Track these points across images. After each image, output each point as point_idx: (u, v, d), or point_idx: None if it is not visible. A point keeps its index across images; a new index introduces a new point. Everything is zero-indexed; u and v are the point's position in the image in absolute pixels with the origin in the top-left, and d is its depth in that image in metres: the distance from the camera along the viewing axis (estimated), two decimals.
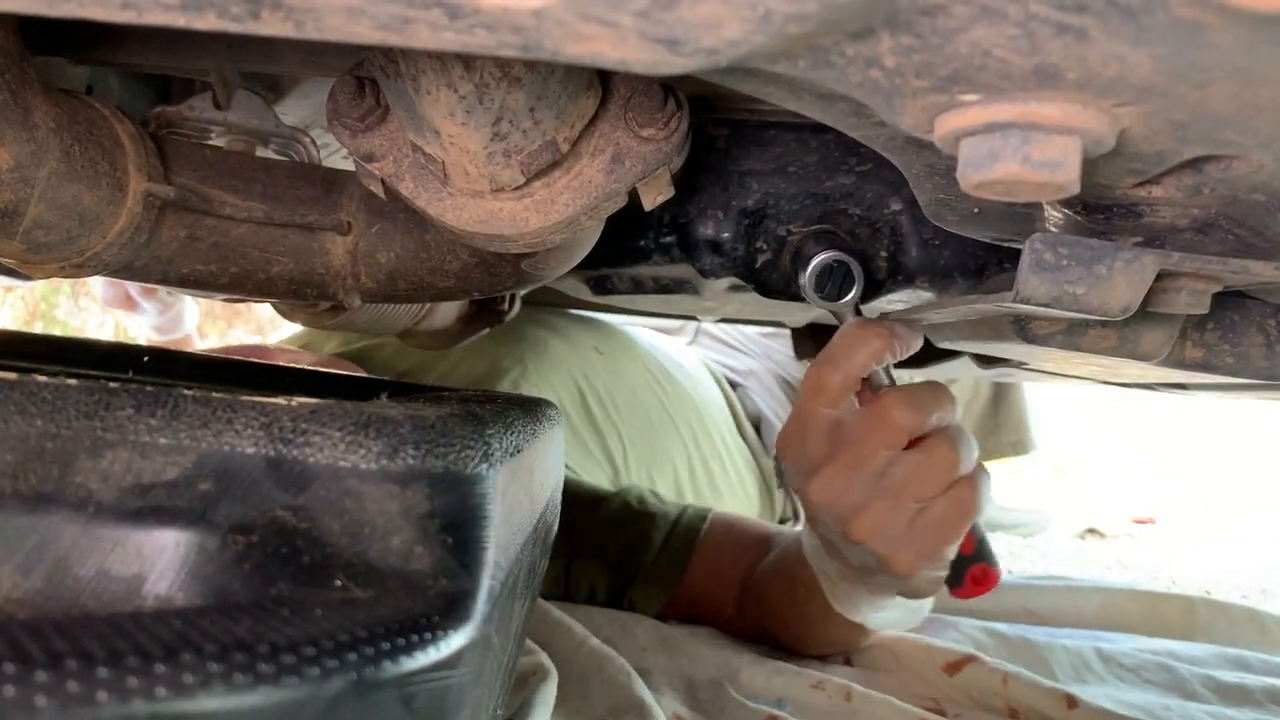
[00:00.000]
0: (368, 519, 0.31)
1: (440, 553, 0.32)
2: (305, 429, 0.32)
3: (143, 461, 0.30)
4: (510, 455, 0.37)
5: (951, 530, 0.66)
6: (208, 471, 0.30)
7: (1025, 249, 0.39)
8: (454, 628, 0.30)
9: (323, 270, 0.57)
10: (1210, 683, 0.95)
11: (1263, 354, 0.53)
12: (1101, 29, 0.24)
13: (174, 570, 0.29)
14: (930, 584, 0.72)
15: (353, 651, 0.27)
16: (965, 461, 0.66)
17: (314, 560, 0.30)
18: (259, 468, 0.31)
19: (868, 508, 0.65)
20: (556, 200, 0.47)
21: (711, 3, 0.23)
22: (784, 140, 0.67)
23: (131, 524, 0.29)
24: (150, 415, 0.30)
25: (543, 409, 0.48)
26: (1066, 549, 2.05)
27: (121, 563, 0.28)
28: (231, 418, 0.31)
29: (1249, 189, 0.36)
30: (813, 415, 0.68)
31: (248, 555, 0.30)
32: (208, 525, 0.30)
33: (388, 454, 0.32)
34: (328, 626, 0.27)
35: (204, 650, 0.24)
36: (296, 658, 0.25)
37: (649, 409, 1.42)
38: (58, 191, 0.46)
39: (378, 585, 0.30)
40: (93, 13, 0.25)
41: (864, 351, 0.66)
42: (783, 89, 0.33)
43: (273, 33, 0.25)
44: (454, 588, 0.31)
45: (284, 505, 0.30)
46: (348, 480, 0.31)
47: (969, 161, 0.29)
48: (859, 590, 0.77)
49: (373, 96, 0.47)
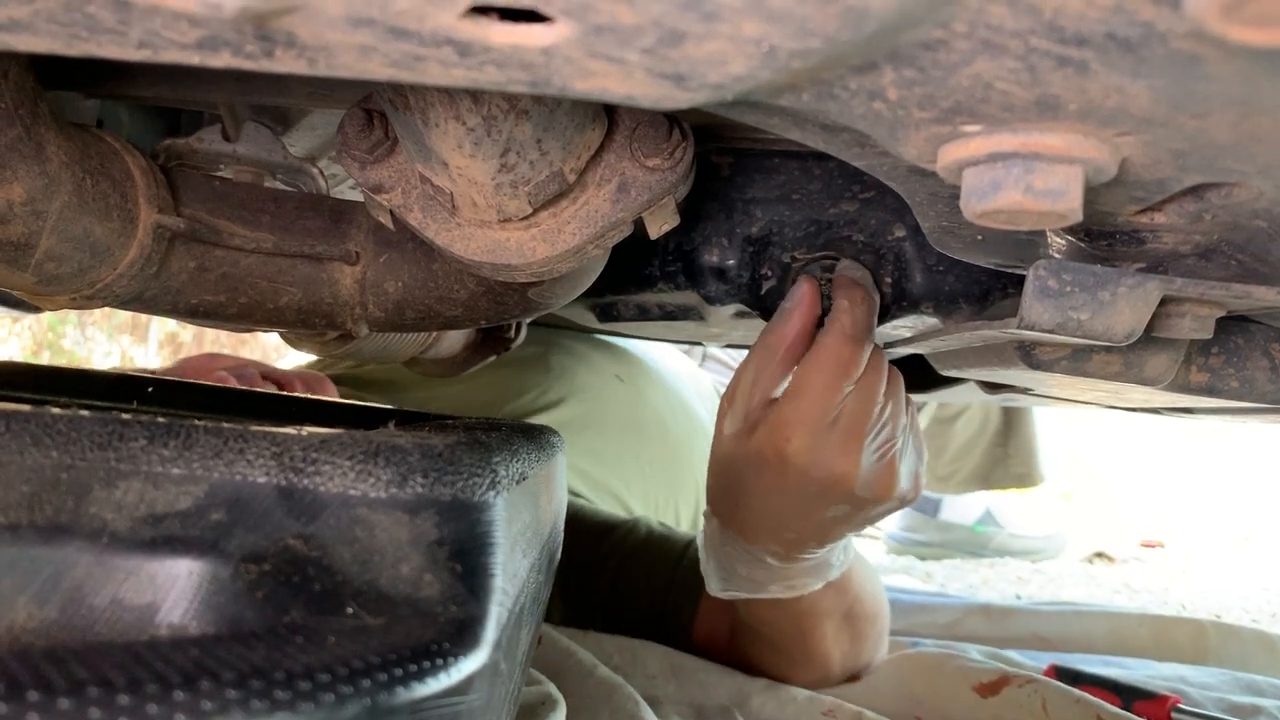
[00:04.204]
0: (378, 547, 0.31)
1: (449, 580, 0.32)
2: (316, 458, 0.32)
3: (156, 491, 0.30)
4: (516, 483, 0.38)
5: (865, 413, 0.66)
6: (220, 501, 0.31)
7: (1029, 275, 0.39)
8: (464, 654, 0.30)
9: (331, 300, 0.58)
10: (1223, 705, 0.94)
11: (1268, 378, 0.53)
12: (1101, 61, 0.24)
13: (187, 599, 0.29)
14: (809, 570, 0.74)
15: (367, 678, 0.27)
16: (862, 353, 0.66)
17: (325, 588, 0.30)
18: (270, 497, 0.31)
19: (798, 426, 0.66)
20: (563, 230, 0.47)
21: (717, 39, 0.23)
22: (788, 168, 0.68)
23: (145, 554, 0.29)
24: (163, 446, 0.31)
25: (546, 436, 0.49)
26: (1075, 573, 2.04)
27: (135, 592, 0.29)
28: (243, 447, 0.31)
29: (1250, 215, 0.36)
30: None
31: (260, 584, 0.30)
32: (220, 554, 0.30)
33: (397, 482, 0.32)
34: (342, 653, 0.27)
35: (221, 678, 0.25)
36: (312, 684, 0.26)
37: (667, 437, 1.41)
38: (69, 224, 0.47)
39: (388, 612, 0.31)
40: (109, 52, 0.26)
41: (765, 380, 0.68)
42: (787, 120, 0.34)
43: (286, 70, 0.26)
44: (463, 615, 0.32)
45: (295, 534, 0.31)
46: (358, 509, 0.32)
47: (972, 191, 0.29)
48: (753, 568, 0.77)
49: (381, 129, 0.47)
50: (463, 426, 0.45)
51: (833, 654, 0.90)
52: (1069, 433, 2.99)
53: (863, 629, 0.92)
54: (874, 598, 0.93)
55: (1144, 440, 3.57)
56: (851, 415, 0.65)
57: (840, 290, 0.65)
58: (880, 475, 0.68)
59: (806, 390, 0.65)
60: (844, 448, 0.66)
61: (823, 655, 0.89)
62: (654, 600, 1.02)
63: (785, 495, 0.69)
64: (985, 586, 1.87)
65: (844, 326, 0.64)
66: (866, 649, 0.94)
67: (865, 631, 0.92)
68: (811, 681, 0.91)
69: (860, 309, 0.64)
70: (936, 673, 0.93)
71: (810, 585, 0.79)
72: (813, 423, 0.65)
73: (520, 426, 0.48)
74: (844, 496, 0.67)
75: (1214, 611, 1.68)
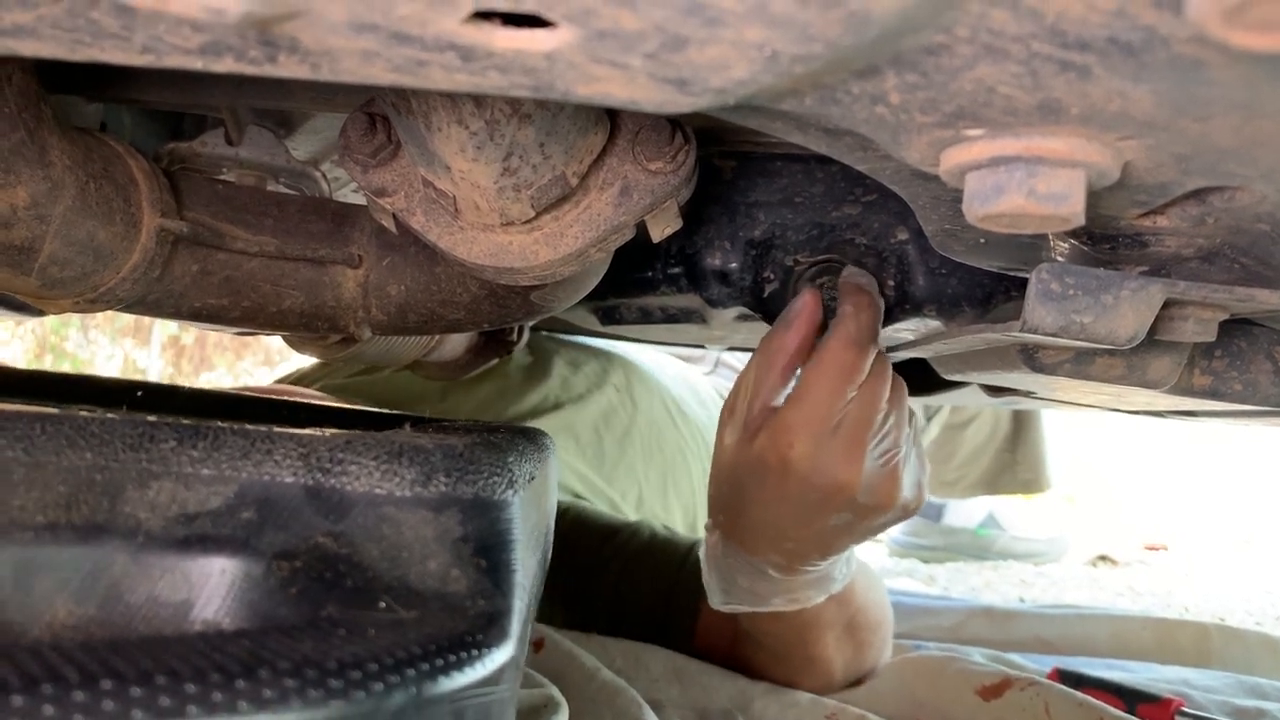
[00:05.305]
0: (405, 543, 0.32)
1: (475, 575, 0.33)
2: (342, 458, 0.33)
3: (187, 492, 0.31)
4: (529, 481, 0.39)
5: (868, 419, 0.66)
6: (250, 500, 0.31)
7: (1032, 279, 0.39)
8: (496, 646, 0.31)
9: (334, 303, 0.58)
10: (1226, 708, 0.94)
11: (1270, 381, 0.53)
12: (1103, 66, 0.24)
13: (221, 595, 0.30)
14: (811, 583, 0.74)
15: (411, 668, 0.28)
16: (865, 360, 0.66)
17: (357, 584, 0.31)
18: (299, 496, 0.32)
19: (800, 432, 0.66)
20: (566, 233, 0.47)
21: (720, 44, 0.23)
22: (790, 171, 0.68)
23: (179, 552, 0.30)
24: (192, 447, 0.32)
25: (541, 438, 0.49)
26: (1078, 576, 2.03)
27: (171, 589, 0.30)
28: (270, 448, 0.32)
29: (1253, 219, 0.36)
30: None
31: (293, 580, 0.31)
32: (252, 552, 0.31)
33: (421, 481, 0.33)
34: (386, 644, 0.28)
35: (278, 667, 0.25)
36: (362, 674, 0.27)
37: (664, 447, 1.41)
38: (73, 228, 0.47)
39: (420, 606, 0.31)
40: (113, 57, 0.26)
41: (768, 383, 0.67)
42: (789, 124, 0.34)
43: (289, 75, 0.26)
44: (491, 608, 0.33)
45: (325, 532, 0.32)
46: (384, 507, 0.33)
47: (975, 194, 0.29)
48: (751, 577, 0.77)
49: (384, 132, 0.47)
50: (467, 428, 0.45)
51: (835, 662, 0.89)
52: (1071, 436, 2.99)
53: (865, 638, 0.91)
54: (877, 606, 0.93)
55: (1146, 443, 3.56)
56: (854, 421, 0.65)
57: (845, 296, 0.65)
58: (883, 482, 0.67)
59: (809, 395, 0.65)
60: (847, 454, 0.65)
61: (825, 664, 0.89)
62: (656, 604, 1.02)
63: (787, 503, 0.68)
64: (988, 589, 1.87)
65: (848, 331, 0.63)
66: (870, 657, 0.94)
67: (868, 640, 0.92)
68: (814, 689, 0.91)
69: (865, 315, 0.64)
70: (939, 675, 0.92)
71: (812, 598, 0.78)
72: (815, 428, 0.65)
73: (517, 429, 0.49)
74: (846, 504, 0.67)
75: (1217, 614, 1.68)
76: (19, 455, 0.30)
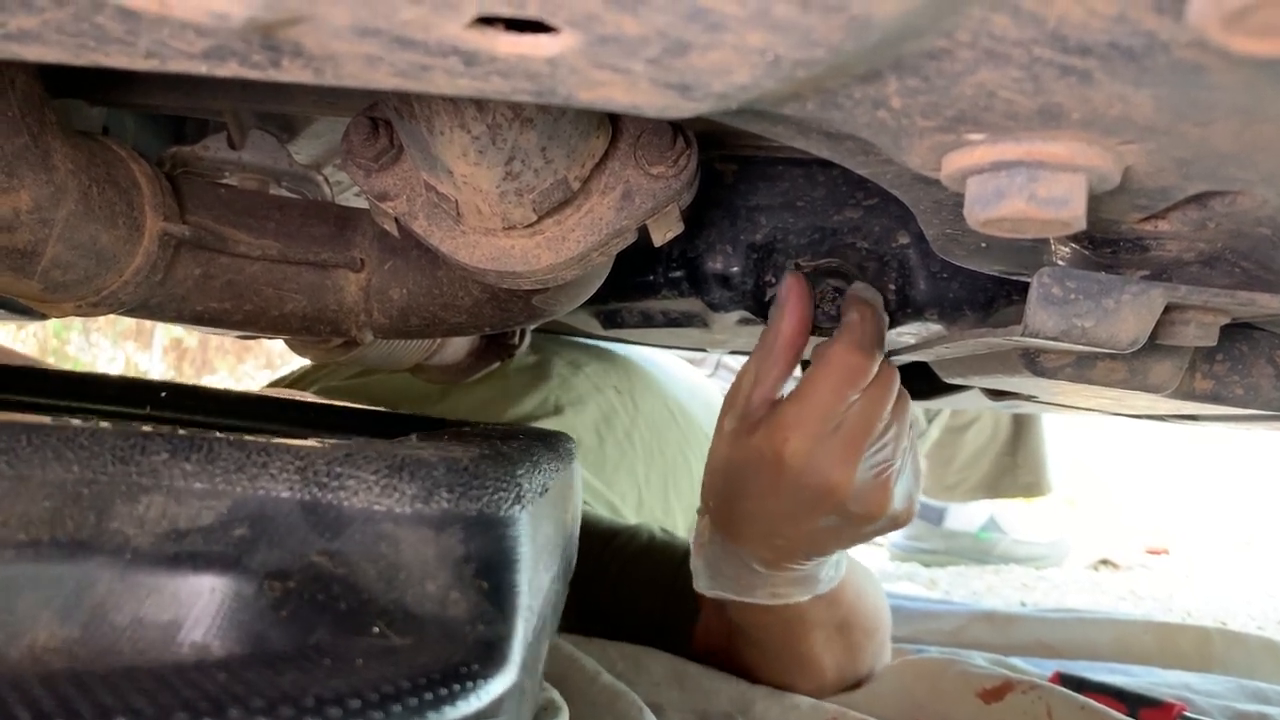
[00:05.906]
0: (404, 564, 0.31)
1: (476, 598, 0.31)
2: (340, 472, 0.31)
3: (178, 507, 0.30)
4: (540, 495, 0.37)
5: (869, 425, 0.66)
6: (243, 516, 0.30)
7: (1033, 283, 0.39)
8: (493, 675, 0.30)
9: (336, 307, 0.58)
10: (1228, 713, 0.94)
11: (1272, 385, 0.53)
12: (1104, 70, 0.24)
13: (210, 617, 0.29)
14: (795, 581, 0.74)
15: (397, 703, 0.26)
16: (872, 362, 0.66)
17: (351, 607, 0.30)
18: (294, 512, 0.31)
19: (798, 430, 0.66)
20: (568, 237, 0.48)
21: (722, 49, 0.23)
22: (791, 175, 0.68)
23: (167, 570, 0.29)
24: (185, 460, 0.30)
25: (563, 443, 0.48)
26: (1080, 580, 2.03)
27: (157, 609, 0.28)
28: (266, 461, 0.31)
29: (1254, 223, 0.36)
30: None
31: (284, 602, 0.29)
32: (243, 571, 0.29)
33: (422, 498, 0.32)
34: (371, 677, 0.27)
35: (250, 705, 0.24)
36: (342, 711, 0.25)
37: (665, 447, 1.41)
38: (76, 232, 0.47)
39: (415, 632, 0.30)
40: (117, 62, 0.26)
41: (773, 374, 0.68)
42: (791, 129, 0.34)
43: (292, 79, 0.26)
44: (491, 634, 0.31)
45: (320, 550, 0.30)
46: (383, 524, 0.31)
47: (976, 199, 0.29)
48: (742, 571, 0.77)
49: (386, 137, 0.47)
50: (481, 435, 0.45)
51: (824, 662, 0.89)
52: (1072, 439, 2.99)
53: (858, 641, 0.91)
54: (873, 610, 0.92)
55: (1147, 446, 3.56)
56: (853, 425, 0.65)
57: (851, 305, 0.65)
58: (874, 492, 0.68)
59: (811, 393, 0.65)
60: (842, 456, 0.65)
61: (814, 663, 0.89)
62: (655, 606, 1.02)
63: (778, 499, 0.68)
64: (990, 593, 1.87)
65: (854, 335, 0.64)
66: (864, 661, 0.93)
67: (861, 644, 0.91)
68: (808, 690, 0.91)
69: (870, 324, 0.64)
70: (940, 678, 0.92)
71: (796, 596, 0.78)
72: (813, 426, 0.65)
73: (537, 434, 0.47)
74: (835, 507, 0.67)
75: (1219, 618, 1.67)
76: (2, 469, 0.29)
